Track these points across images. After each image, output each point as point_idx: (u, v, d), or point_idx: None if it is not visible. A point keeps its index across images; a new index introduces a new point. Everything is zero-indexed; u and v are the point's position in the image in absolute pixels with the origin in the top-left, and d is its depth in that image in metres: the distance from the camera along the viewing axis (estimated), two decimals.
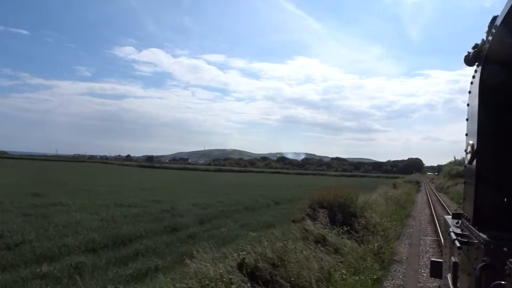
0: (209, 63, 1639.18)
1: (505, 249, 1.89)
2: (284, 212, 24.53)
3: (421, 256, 13.24)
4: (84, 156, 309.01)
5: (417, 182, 65.54)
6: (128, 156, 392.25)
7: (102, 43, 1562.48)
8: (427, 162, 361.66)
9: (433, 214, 25.29)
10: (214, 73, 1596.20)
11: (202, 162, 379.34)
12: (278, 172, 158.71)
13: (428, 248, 14.73)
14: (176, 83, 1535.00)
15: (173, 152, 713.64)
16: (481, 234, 2.21)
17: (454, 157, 79.06)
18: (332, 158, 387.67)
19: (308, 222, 12.09)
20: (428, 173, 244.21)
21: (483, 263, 1.98)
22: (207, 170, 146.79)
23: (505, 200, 2.51)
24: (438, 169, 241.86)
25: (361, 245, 11.60)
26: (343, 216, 13.00)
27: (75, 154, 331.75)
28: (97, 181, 49.38)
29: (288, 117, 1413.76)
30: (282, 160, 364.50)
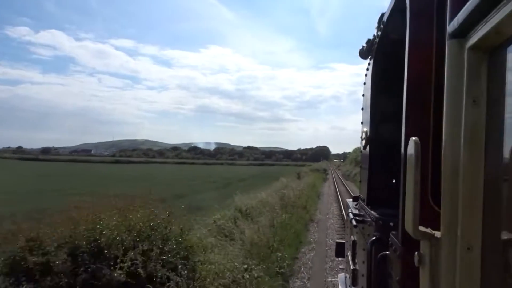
0: (117, 48, 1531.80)
1: (391, 224, 2.01)
2: None
3: None
4: None
5: (325, 170, 60.65)
6: (19, 147, 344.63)
7: None
8: (333, 150, 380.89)
9: (344, 216, 17.75)
10: (123, 59, 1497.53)
11: (107, 153, 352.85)
12: (184, 163, 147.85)
13: None
14: (80, 69, 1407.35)
15: (78, 143, 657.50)
16: (373, 212, 2.41)
17: None
18: (245, 147, 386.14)
19: None
20: (335, 160, 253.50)
21: (374, 238, 2.18)
22: (102, 162, 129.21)
23: (393, 181, 2.71)
24: (343, 156, 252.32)
25: None
26: None
27: None
28: None
29: (202, 107, 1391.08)
30: (193, 150, 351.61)
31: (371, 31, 3.01)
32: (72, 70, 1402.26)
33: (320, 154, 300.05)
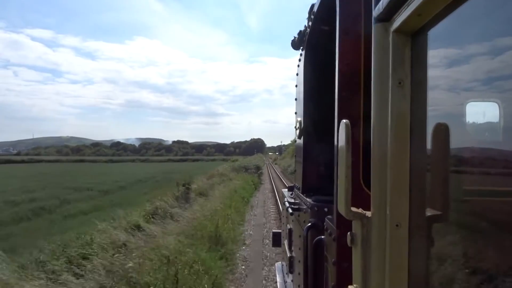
0: (33, 39, 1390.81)
1: (325, 209, 2.06)
2: None
3: None
4: None
5: (258, 168, 39.29)
6: None
7: None
8: (268, 143, 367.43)
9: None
10: (41, 50, 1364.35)
11: (15, 152, 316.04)
12: (83, 160, 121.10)
13: None
14: None
15: None
16: (308, 199, 2.44)
17: None
18: (174, 142, 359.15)
19: None
20: (270, 153, 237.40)
21: (309, 224, 2.21)
22: None
23: (325, 169, 2.68)
24: (278, 148, 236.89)
25: None
26: None
27: None
28: None
29: (132, 101, 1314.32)
30: (116, 146, 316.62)
31: (302, 25, 3.07)
32: None
33: (255, 147, 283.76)
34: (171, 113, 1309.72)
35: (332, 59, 1.81)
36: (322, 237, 1.90)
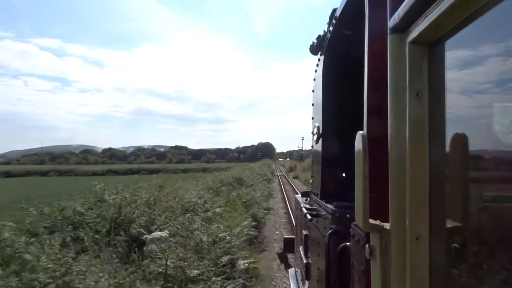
0: (42, 48, 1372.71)
1: (348, 215, 2.06)
2: None
3: None
4: None
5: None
6: None
7: None
8: (278, 148, 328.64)
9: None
10: (50, 60, 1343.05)
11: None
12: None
13: None
14: (2, 71, 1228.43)
15: (6, 151, 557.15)
16: (328, 205, 2.40)
17: None
18: (171, 147, 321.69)
19: None
20: (280, 159, 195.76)
21: (331, 230, 2.18)
22: None
23: (345, 174, 2.75)
24: (294, 154, 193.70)
25: None
26: None
27: None
28: None
29: (140, 109, 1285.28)
30: (104, 152, 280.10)
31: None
32: None
33: (262, 151, 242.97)
34: (179, 120, 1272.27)
35: (353, 64, 1.74)
36: (348, 243, 1.85)
